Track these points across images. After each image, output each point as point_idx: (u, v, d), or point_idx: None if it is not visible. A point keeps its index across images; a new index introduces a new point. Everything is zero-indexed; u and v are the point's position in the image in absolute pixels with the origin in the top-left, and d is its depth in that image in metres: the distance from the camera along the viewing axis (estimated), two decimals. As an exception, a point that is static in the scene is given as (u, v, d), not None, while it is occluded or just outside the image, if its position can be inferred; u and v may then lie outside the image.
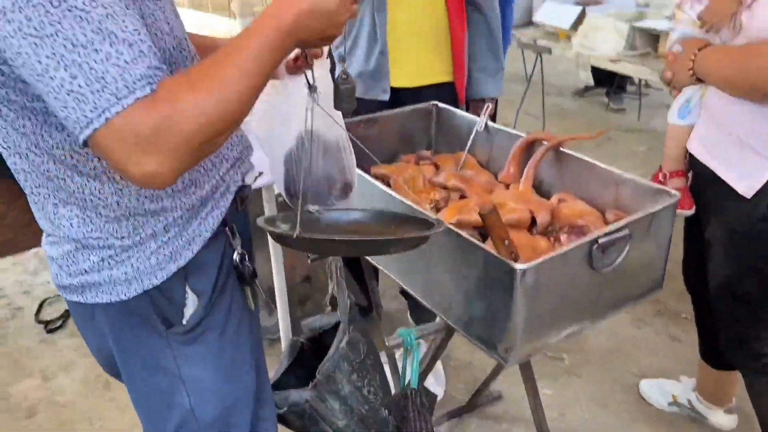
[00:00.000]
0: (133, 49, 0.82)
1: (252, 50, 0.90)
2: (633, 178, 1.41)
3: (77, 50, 0.79)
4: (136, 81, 0.81)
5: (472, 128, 1.77)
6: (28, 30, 0.78)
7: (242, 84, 0.88)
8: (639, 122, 4.71)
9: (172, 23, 1.02)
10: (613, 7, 3.78)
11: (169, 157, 0.83)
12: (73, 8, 0.79)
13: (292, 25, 0.94)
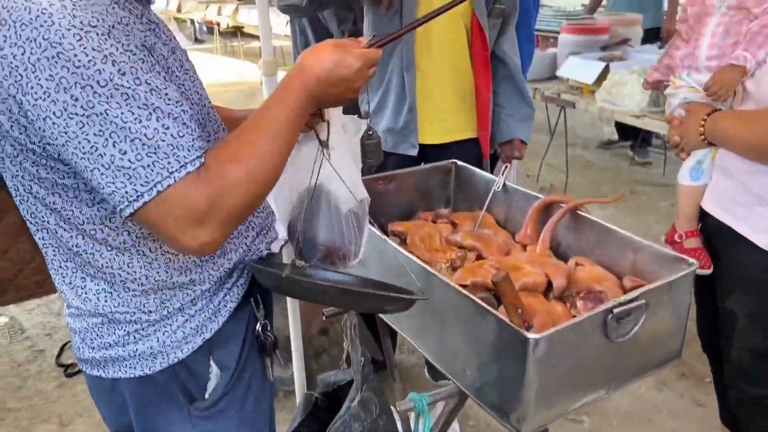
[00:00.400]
0: (178, 122, 0.85)
1: (282, 116, 0.94)
2: (651, 245, 1.39)
3: (127, 126, 0.81)
4: (186, 155, 0.84)
5: (491, 187, 1.77)
6: (74, 110, 0.80)
7: (278, 148, 0.92)
8: (664, 176, 4.68)
9: (201, 92, 1.05)
10: (636, 63, 3.79)
11: (221, 226, 0.86)
12: (120, 86, 0.81)
13: (314, 90, 0.97)
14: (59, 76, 0.79)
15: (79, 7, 0.81)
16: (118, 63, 0.81)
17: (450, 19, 2.05)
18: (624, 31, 4.22)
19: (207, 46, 10.44)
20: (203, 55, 9.76)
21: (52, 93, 0.79)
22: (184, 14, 9.64)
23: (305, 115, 0.99)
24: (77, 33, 0.79)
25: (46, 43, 0.78)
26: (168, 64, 0.95)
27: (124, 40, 0.84)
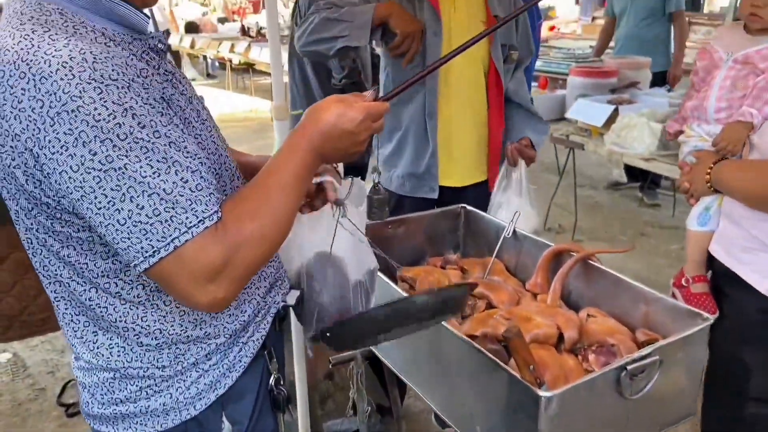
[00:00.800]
0: (196, 175, 0.84)
1: (290, 173, 0.94)
2: (664, 298, 1.37)
3: (145, 181, 0.80)
4: (204, 209, 0.83)
5: (500, 233, 1.76)
6: (92, 164, 0.79)
7: (289, 204, 0.93)
8: (673, 218, 4.65)
9: (217, 141, 1.04)
10: (646, 106, 3.80)
11: (235, 282, 0.86)
12: (140, 140, 0.80)
13: (319, 145, 0.97)
14: (78, 130, 0.78)
15: (99, 61, 0.81)
16: (138, 116, 0.81)
17: (470, 66, 2.11)
18: (632, 74, 4.24)
19: (219, 82, 10.59)
20: (215, 91, 9.89)
21: (70, 147, 0.78)
22: (196, 50, 9.80)
23: (312, 171, 0.99)
24: (98, 86, 0.79)
25: (66, 96, 0.77)
26: (185, 115, 0.95)
27: (143, 92, 0.84)
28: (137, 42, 0.94)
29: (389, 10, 1.98)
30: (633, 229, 4.52)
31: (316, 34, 2.02)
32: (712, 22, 6.90)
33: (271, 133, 7.91)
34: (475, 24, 2.11)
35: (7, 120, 0.81)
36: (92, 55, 0.81)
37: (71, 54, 0.80)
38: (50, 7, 0.86)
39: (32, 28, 0.83)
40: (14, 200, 0.90)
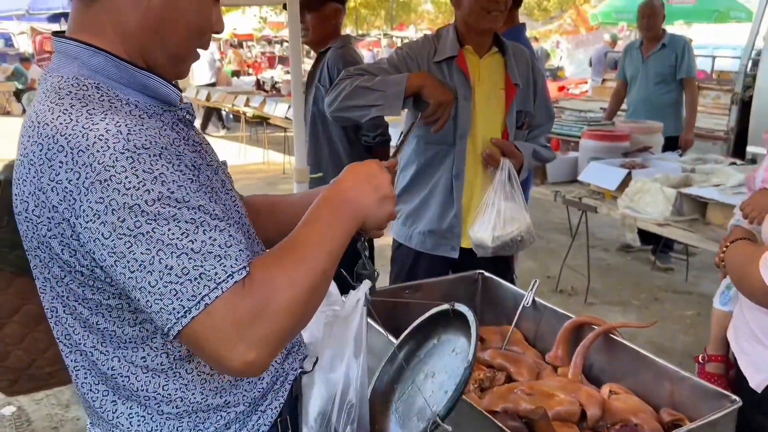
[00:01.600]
0: (224, 234, 0.84)
1: (335, 238, 0.94)
2: (689, 377, 1.34)
3: (173, 243, 0.81)
4: (233, 264, 0.83)
5: (518, 301, 1.74)
6: (122, 230, 0.80)
7: (325, 263, 0.91)
8: (686, 283, 4.61)
9: (240, 210, 1.06)
10: (658, 171, 3.82)
11: (267, 342, 0.83)
12: (167, 205, 0.81)
13: (362, 219, 0.99)
14: (110, 199, 0.80)
15: (134, 132, 0.84)
16: (167, 182, 0.82)
17: (490, 131, 2.20)
18: (645, 138, 4.28)
19: (233, 134, 10.75)
20: (229, 143, 10.03)
21: (102, 215, 0.80)
22: (212, 103, 9.98)
23: (348, 232, 0.98)
24: (130, 156, 0.81)
25: (100, 167, 0.80)
26: (212, 185, 0.97)
27: (175, 160, 0.86)
28: (168, 114, 0.98)
29: (423, 81, 2.04)
30: (646, 293, 4.47)
31: (349, 101, 2.07)
32: (722, 87, 7.00)
33: (282, 186, 7.94)
34: (496, 91, 2.19)
35: (45, 192, 0.84)
36: (126, 127, 0.84)
37: (107, 127, 0.83)
38: (87, 82, 0.90)
39: (71, 102, 0.86)
40: (46, 268, 0.92)
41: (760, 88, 5.86)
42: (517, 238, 2.13)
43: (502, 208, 2.12)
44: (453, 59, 2.14)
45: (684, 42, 4.89)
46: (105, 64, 0.92)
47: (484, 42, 2.18)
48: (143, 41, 0.95)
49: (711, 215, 3.45)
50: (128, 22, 0.94)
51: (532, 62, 2.27)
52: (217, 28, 1.03)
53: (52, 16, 10.97)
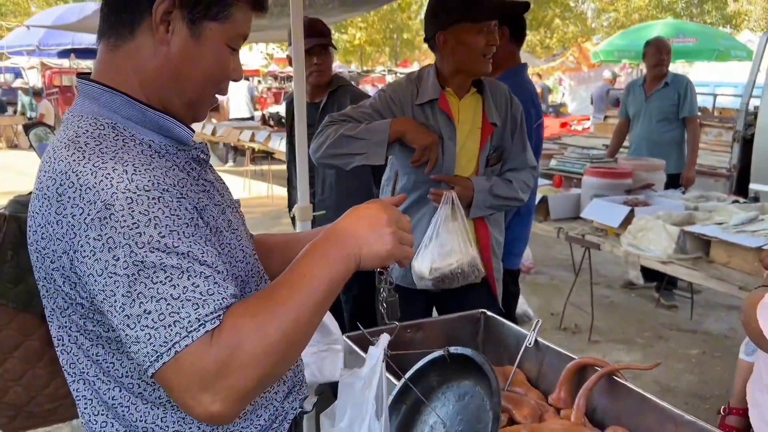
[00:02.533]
0: (209, 281, 0.85)
1: (312, 275, 0.92)
2: (694, 421, 1.32)
3: (155, 287, 0.82)
4: (209, 313, 0.83)
5: (521, 341, 1.73)
6: (114, 269, 0.83)
7: (299, 306, 0.89)
8: (691, 321, 4.57)
9: (246, 249, 1.07)
10: (661, 208, 3.82)
11: (233, 395, 0.82)
12: (156, 249, 0.83)
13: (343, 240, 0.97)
14: (106, 236, 0.83)
15: (139, 172, 0.88)
16: (160, 226, 0.85)
17: (467, 168, 2.24)
18: (647, 175, 4.29)
19: (238, 168, 10.82)
20: (233, 177, 10.09)
21: (97, 252, 0.84)
22: (217, 137, 10.08)
23: (340, 280, 0.96)
24: (129, 196, 0.85)
25: (101, 204, 0.84)
26: (216, 225, 1.00)
27: (173, 203, 0.88)
28: (181, 153, 1.02)
29: (404, 127, 2.08)
30: (650, 331, 4.43)
31: (333, 149, 2.10)
32: (723, 125, 7.05)
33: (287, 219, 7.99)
34: (473, 130, 2.23)
35: (51, 225, 0.88)
36: (133, 167, 0.88)
37: (114, 166, 0.87)
38: (104, 121, 0.95)
39: (86, 141, 0.91)
40: (52, 299, 0.95)
41: (761, 126, 5.89)
42: (456, 271, 2.13)
43: (443, 240, 2.12)
44: (435, 101, 2.17)
45: (686, 81, 4.95)
46: (123, 105, 0.97)
47: (466, 84, 2.22)
48: (162, 87, 1.00)
49: (714, 253, 3.44)
50: (148, 69, 0.99)
51: (510, 97, 2.29)
52: (235, 77, 1.07)
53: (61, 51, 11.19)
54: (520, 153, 2.33)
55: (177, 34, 0.98)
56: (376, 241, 0.98)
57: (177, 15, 0.97)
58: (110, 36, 1.00)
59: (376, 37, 25.44)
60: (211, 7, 0.98)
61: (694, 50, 10.97)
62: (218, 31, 1.00)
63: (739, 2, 27.23)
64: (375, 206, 1.02)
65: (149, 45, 0.98)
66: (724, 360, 3.96)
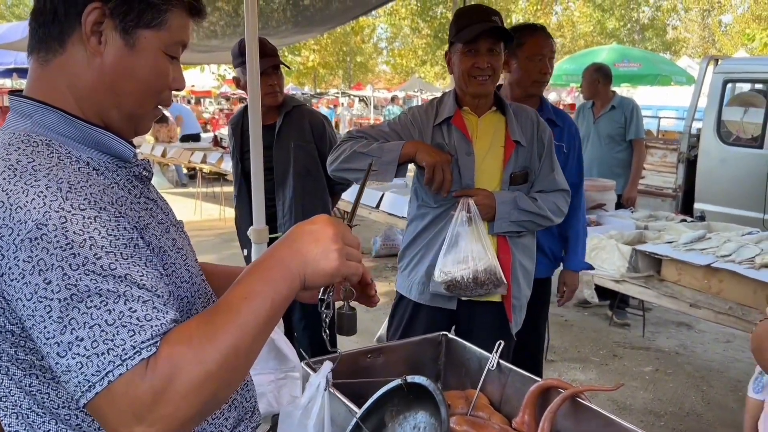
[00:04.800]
0: (148, 306, 0.80)
1: (253, 297, 0.87)
2: (659, 442, 1.31)
3: (89, 312, 0.78)
4: (145, 340, 0.78)
5: (483, 364, 1.70)
6: (44, 293, 0.78)
7: (238, 330, 0.84)
8: (643, 339, 4.65)
9: (192, 269, 1.03)
10: (613, 228, 3.90)
11: (171, 425, 0.78)
12: (91, 272, 0.79)
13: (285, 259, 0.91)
14: (37, 258, 0.78)
15: (74, 190, 0.83)
16: (96, 247, 0.80)
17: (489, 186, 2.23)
18: (598, 196, 4.37)
19: (189, 190, 10.62)
20: (185, 200, 9.89)
21: (27, 275, 0.78)
22: (168, 160, 9.88)
23: (283, 302, 0.90)
24: (64, 215, 0.80)
25: (32, 224, 0.79)
26: (160, 244, 0.95)
27: (112, 223, 0.84)
28: (122, 170, 0.97)
29: (415, 148, 2.13)
30: (605, 349, 4.48)
31: (347, 163, 2.17)
32: (668, 147, 7.28)
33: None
34: (495, 149, 2.25)
35: None
36: (68, 185, 0.83)
37: (48, 184, 0.82)
38: (38, 138, 0.90)
39: (17, 158, 0.85)
40: None
41: (704, 148, 6.12)
42: (468, 277, 2.12)
43: (458, 246, 2.12)
44: (450, 119, 2.23)
45: (632, 104, 5.09)
46: (58, 122, 0.92)
47: (481, 103, 2.25)
48: (98, 101, 0.95)
49: (666, 272, 3.52)
50: (82, 82, 0.94)
51: (537, 120, 2.31)
52: (176, 86, 1.02)
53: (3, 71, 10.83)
54: (548, 174, 2.32)
55: (110, 45, 0.93)
56: (322, 258, 0.92)
57: (108, 25, 0.93)
58: (40, 50, 0.95)
59: (330, 59, 25.55)
60: (144, 15, 0.94)
61: (637, 75, 11.36)
62: (153, 39, 0.95)
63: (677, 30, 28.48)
64: (320, 221, 0.96)
65: (82, 57, 0.93)
66: (676, 377, 4.03)
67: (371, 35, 28.86)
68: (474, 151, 2.21)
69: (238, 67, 2.88)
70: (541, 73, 2.64)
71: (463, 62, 2.18)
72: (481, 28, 2.13)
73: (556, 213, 2.31)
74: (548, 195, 2.31)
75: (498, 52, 2.18)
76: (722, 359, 4.34)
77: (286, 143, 2.91)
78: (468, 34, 2.14)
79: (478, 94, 2.22)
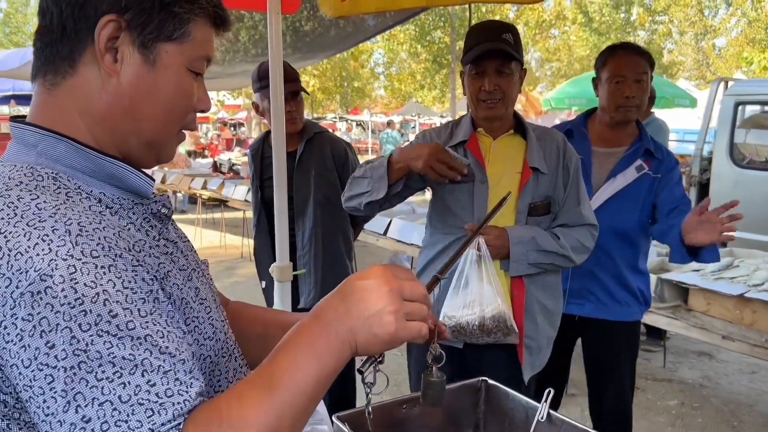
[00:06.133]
0: (169, 377, 0.67)
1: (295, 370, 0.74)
2: None
3: (99, 385, 0.64)
4: (166, 422, 0.65)
5: (530, 415, 1.55)
6: (46, 359, 0.64)
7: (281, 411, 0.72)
8: (665, 369, 4.48)
9: (216, 323, 0.89)
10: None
11: None
12: (105, 333, 0.66)
13: (332, 324, 0.78)
14: (40, 316, 0.65)
15: (85, 233, 0.70)
16: (111, 302, 0.67)
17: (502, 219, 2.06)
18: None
19: (189, 217, 10.48)
20: (184, 226, 9.69)
21: (26, 336, 0.65)
22: (167, 186, 9.75)
23: (329, 375, 0.78)
24: (72, 264, 0.67)
25: (35, 275, 0.66)
26: (182, 295, 0.82)
27: (129, 272, 0.71)
28: (138, 207, 0.84)
29: (398, 153, 2.00)
30: (626, 381, 4.31)
31: (348, 192, 2.09)
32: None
33: (241, 269, 7.66)
34: (511, 174, 2.08)
35: None
36: (78, 227, 0.70)
37: (55, 226, 0.69)
38: (43, 172, 0.77)
39: (18, 195, 0.73)
40: None
41: (716, 171, 6.01)
42: (474, 323, 1.95)
43: (465, 288, 1.96)
44: (464, 143, 2.10)
45: (659, 127, 4.95)
46: (67, 152, 0.79)
47: (495, 125, 2.11)
48: (115, 127, 0.83)
49: (693, 301, 3.37)
50: (96, 106, 0.81)
51: (564, 146, 2.12)
52: (201, 107, 0.90)
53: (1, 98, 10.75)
54: (573, 207, 2.11)
55: (127, 63, 0.81)
56: (375, 322, 0.78)
57: (125, 39, 0.81)
58: (47, 73, 0.83)
59: (328, 84, 25.64)
60: (165, 26, 0.82)
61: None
62: (176, 54, 0.84)
63: (672, 53, 28.71)
64: (374, 274, 0.81)
65: (95, 78, 0.81)
66: (704, 411, 3.86)
67: (368, 60, 29.00)
68: (487, 177, 2.07)
69: (257, 92, 2.76)
70: (624, 96, 2.37)
71: (471, 85, 2.05)
72: (485, 48, 1.98)
73: (580, 251, 2.10)
74: (572, 230, 2.11)
75: (509, 73, 2.01)
76: (749, 392, 4.17)
77: (306, 171, 2.79)
78: (473, 54, 2.01)
79: (488, 118, 2.08)
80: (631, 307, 2.52)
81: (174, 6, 0.82)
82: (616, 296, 2.50)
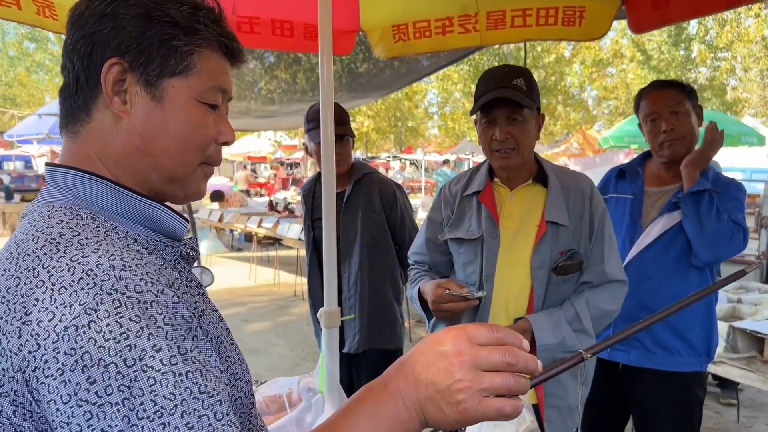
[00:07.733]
0: (203, 422, 0.64)
1: None
2: None
3: (140, 424, 0.62)
4: None
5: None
6: (87, 395, 0.62)
7: None
8: (739, 425, 4.18)
9: (244, 364, 0.86)
10: (704, 302, 3.54)
11: None
12: (149, 368, 0.64)
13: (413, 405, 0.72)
14: (82, 351, 0.63)
15: (128, 269, 0.70)
16: (154, 337, 0.66)
17: (513, 274, 1.93)
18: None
19: (245, 254, 10.62)
20: (239, 263, 9.87)
21: (67, 371, 0.63)
22: (224, 224, 9.94)
23: None
24: (117, 299, 0.66)
25: (80, 309, 0.65)
26: (217, 333, 0.80)
27: (168, 309, 0.70)
28: (169, 249, 0.84)
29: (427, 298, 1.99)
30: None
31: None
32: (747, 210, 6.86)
33: (294, 308, 7.67)
34: (528, 228, 1.94)
35: (7, 337, 0.67)
36: (122, 262, 0.70)
37: (99, 260, 0.69)
38: (82, 212, 0.79)
39: (60, 231, 0.73)
40: None
41: (788, 212, 5.70)
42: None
43: None
44: (478, 194, 2.00)
45: None
46: (104, 193, 0.81)
47: (512, 175, 1.98)
48: (133, 165, 0.84)
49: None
50: (113, 148, 0.83)
51: (591, 195, 1.96)
52: (223, 139, 0.89)
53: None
54: (597, 264, 1.93)
55: (136, 102, 0.84)
56: (444, 398, 0.70)
57: (131, 80, 0.83)
58: (68, 124, 0.87)
59: (383, 124, 25.92)
60: (167, 61, 0.83)
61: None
62: (183, 87, 0.85)
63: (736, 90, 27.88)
64: (449, 339, 0.72)
65: (109, 122, 0.84)
66: (784, 472, 3.56)
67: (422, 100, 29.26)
68: (500, 232, 1.93)
69: (306, 133, 2.77)
70: (662, 132, 2.30)
71: (483, 134, 1.94)
72: (494, 95, 1.86)
73: (601, 319, 1.90)
74: (594, 293, 1.91)
75: (521, 120, 1.87)
76: (833, 451, 3.84)
77: (354, 212, 2.76)
78: (481, 102, 1.90)
79: (503, 167, 1.96)
80: (683, 356, 2.33)
81: (173, 41, 0.83)
82: (665, 343, 2.33)
